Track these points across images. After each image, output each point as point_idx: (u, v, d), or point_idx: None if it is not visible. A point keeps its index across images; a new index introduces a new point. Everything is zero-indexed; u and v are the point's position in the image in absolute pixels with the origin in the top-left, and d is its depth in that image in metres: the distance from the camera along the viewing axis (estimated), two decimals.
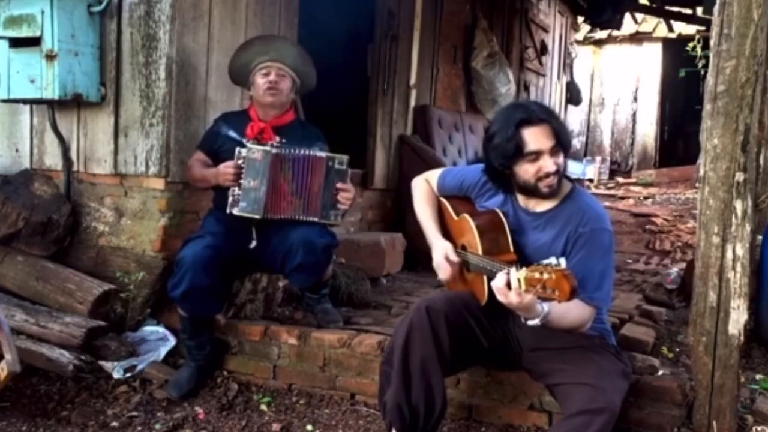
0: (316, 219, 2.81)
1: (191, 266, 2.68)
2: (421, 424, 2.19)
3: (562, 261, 1.79)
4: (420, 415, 2.17)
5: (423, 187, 2.52)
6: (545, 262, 1.80)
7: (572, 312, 2.04)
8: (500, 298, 1.90)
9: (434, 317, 2.15)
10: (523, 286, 1.80)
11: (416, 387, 2.16)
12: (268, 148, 2.80)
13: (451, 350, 2.18)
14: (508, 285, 1.86)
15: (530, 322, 1.97)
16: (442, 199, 2.45)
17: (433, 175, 2.50)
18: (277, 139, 2.85)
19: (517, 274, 1.82)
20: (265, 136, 2.88)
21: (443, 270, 2.30)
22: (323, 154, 2.83)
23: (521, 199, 2.24)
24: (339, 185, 2.81)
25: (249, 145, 2.81)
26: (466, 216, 2.24)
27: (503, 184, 2.24)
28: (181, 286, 2.69)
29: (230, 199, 2.79)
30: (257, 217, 2.79)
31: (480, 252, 2.14)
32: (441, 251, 2.30)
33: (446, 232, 2.43)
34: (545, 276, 1.74)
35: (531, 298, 1.84)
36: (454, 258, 2.27)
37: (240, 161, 2.78)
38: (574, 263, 2.07)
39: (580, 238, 2.10)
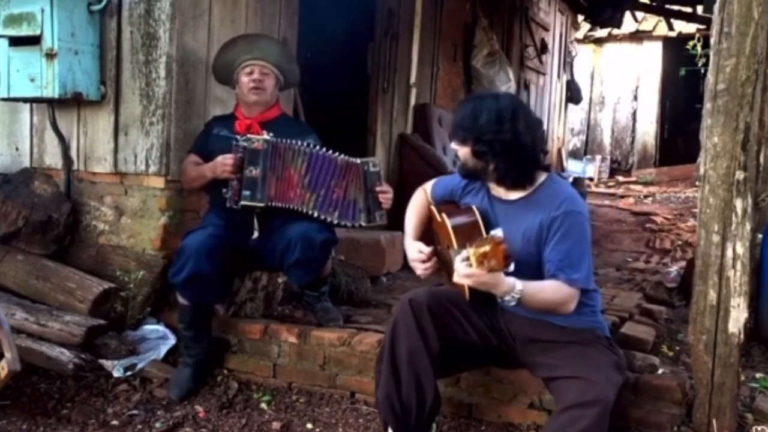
0: (348, 222, 2.84)
1: (194, 253, 2.68)
2: (413, 420, 2.20)
3: (498, 231, 1.88)
4: (412, 410, 2.19)
5: (417, 197, 2.56)
6: (485, 236, 1.89)
7: (547, 289, 2.07)
8: (462, 280, 1.97)
9: (417, 309, 2.19)
10: (474, 263, 1.86)
11: (406, 380, 2.18)
12: (268, 137, 2.80)
13: (440, 344, 2.20)
14: (468, 265, 1.92)
15: (506, 298, 2.01)
16: (432, 207, 2.48)
17: (429, 185, 2.56)
18: (264, 133, 2.85)
19: (466, 253, 1.89)
20: (253, 131, 2.89)
21: (419, 265, 2.31)
22: (357, 160, 2.84)
23: (493, 188, 2.27)
24: (379, 188, 2.83)
25: (248, 136, 2.81)
26: (444, 216, 2.27)
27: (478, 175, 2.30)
28: (183, 272, 2.69)
29: (229, 193, 2.79)
30: (261, 205, 2.79)
31: (456, 247, 2.15)
32: (414, 249, 2.34)
33: (437, 238, 2.45)
34: (486, 248, 1.82)
35: (487, 274, 1.90)
36: (426, 249, 2.30)
37: (239, 153, 2.78)
38: (551, 247, 2.10)
39: (554, 221, 2.11)
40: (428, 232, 2.50)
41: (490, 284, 1.96)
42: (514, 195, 2.23)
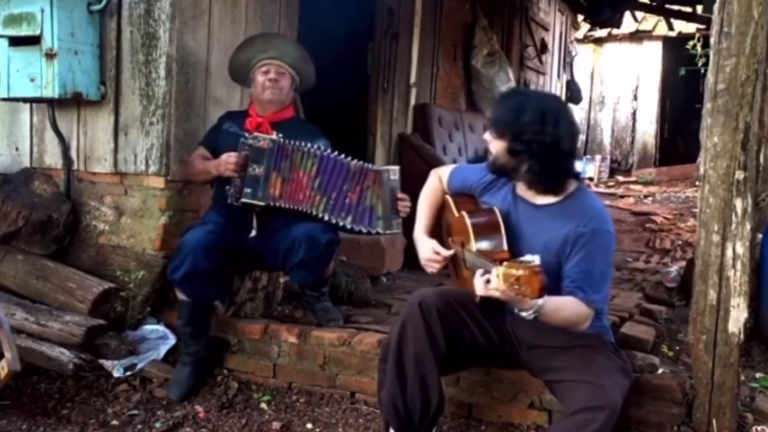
0: (364, 228, 2.81)
1: (192, 249, 2.68)
2: (417, 422, 2.19)
3: (537, 258, 1.80)
4: (416, 412, 2.17)
5: (431, 183, 2.52)
6: (521, 258, 1.82)
7: (568, 308, 2.03)
8: (486, 293, 1.91)
9: (427, 312, 2.16)
10: (501, 282, 1.79)
11: (411, 382, 2.16)
12: (274, 137, 2.80)
13: (447, 345, 2.18)
14: (488, 281, 1.86)
15: (523, 314, 1.96)
16: (447, 196, 2.46)
17: (445, 172, 2.50)
18: (275, 133, 2.85)
19: (496, 270, 1.82)
20: (263, 130, 2.89)
21: (432, 264, 2.29)
22: (377, 167, 2.82)
23: (522, 189, 2.23)
24: (399, 196, 2.82)
25: (255, 134, 2.81)
26: (464, 214, 2.24)
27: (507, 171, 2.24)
28: (181, 269, 2.69)
29: (231, 190, 2.79)
30: (261, 204, 2.79)
31: (474, 249, 2.14)
32: (428, 247, 2.31)
33: (448, 228, 2.44)
34: (519, 272, 1.75)
35: (511, 293, 1.83)
36: (446, 252, 2.27)
37: (245, 151, 2.78)
38: (574, 263, 2.07)
39: (581, 237, 2.07)
40: (438, 220, 2.48)
41: (516, 301, 1.89)
42: (542, 200, 2.19)
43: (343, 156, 2.82)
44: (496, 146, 2.17)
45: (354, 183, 2.79)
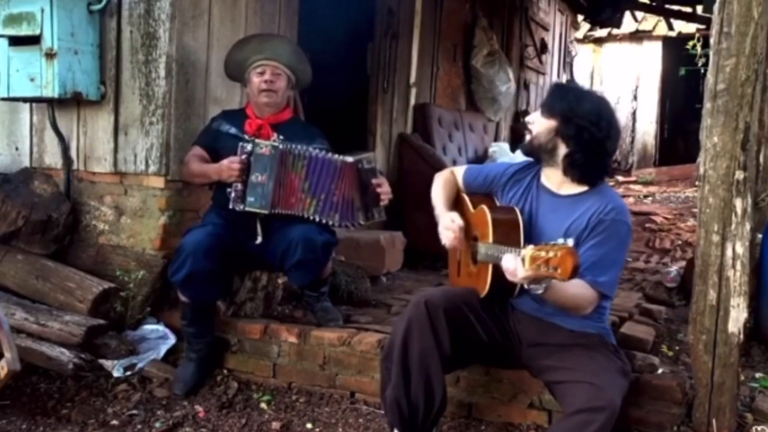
0: (348, 223, 2.81)
1: (192, 252, 2.67)
2: (420, 420, 2.19)
3: (570, 241, 1.81)
4: (419, 410, 2.18)
5: (445, 178, 2.52)
6: (553, 242, 1.83)
7: (573, 287, 2.03)
8: (508, 276, 1.93)
9: (433, 312, 2.17)
10: (528, 264, 1.80)
11: (415, 381, 2.17)
12: (276, 143, 2.79)
13: (451, 345, 2.19)
14: (522, 261, 1.86)
15: (533, 286, 1.94)
16: (463, 194, 2.47)
17: (459, 170, 2.53)
18: (275, 136, 2.84)
19: (523, 253, 1.84)
20: (263, 132, 2.88)
21: (449, 233, 2.28)
22: (350, 159, 2.81)
23: (548, 178, 2.26)
24: (374, 181, 2.81)
25: (256, 140, 2.80)
26: (484, 207, 2.26)
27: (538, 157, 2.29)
28: (182, 271, 2.68)
29: (233, 195, 2.78)
30: (265, 212, 2.78)
31: (490, 242, 2.15)
32: (447, 217, 2.31)
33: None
34: (550, 254, 1.76)
35: (535, 276, 1.84)
36: (460, 222, 2.27)
37: (244, 156, 2.77)
38: (588, 247, 2.10)
39: (600, 224, 2.12)
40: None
41: (539, 281, 1.91)
42: (566, 190, 2.23)
43: (330, 154, 2.81)
44: (543, 125, 2.21)
45: (339, 180, 2.78)
